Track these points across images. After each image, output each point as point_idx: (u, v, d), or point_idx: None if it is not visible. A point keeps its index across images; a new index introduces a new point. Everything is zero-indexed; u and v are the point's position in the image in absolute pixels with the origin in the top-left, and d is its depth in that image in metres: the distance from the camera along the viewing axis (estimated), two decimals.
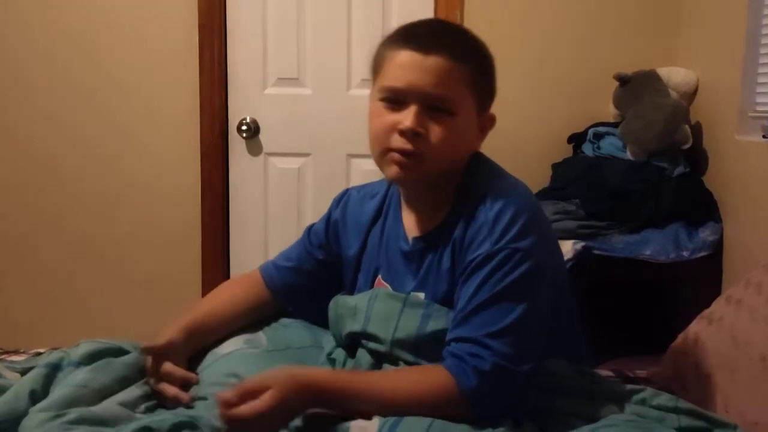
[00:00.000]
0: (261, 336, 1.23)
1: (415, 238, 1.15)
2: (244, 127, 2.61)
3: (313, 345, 1.23)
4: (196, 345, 1.19)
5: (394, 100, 1.06)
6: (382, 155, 1.08)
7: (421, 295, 1.11)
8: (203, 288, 2.67)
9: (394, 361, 1.08)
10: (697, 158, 2.27)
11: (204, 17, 2.56)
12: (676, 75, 2.31)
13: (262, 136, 2.64)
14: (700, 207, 2.15)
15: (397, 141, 1.05)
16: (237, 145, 2.65)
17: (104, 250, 2.68)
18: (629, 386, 1.09)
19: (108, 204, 2.66)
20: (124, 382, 1.11)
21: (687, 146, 2.19)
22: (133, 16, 2.58)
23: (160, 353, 1.13)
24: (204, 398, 1.08)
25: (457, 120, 1.06)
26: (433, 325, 1.06)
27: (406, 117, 1.04)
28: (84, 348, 1.16)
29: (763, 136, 1.91)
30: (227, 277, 2.68)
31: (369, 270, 1.22)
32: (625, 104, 2.31)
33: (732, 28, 2.08)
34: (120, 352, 1.19)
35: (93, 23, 2.59)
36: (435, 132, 1.04)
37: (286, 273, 1.30)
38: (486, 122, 1.14)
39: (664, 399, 1.04)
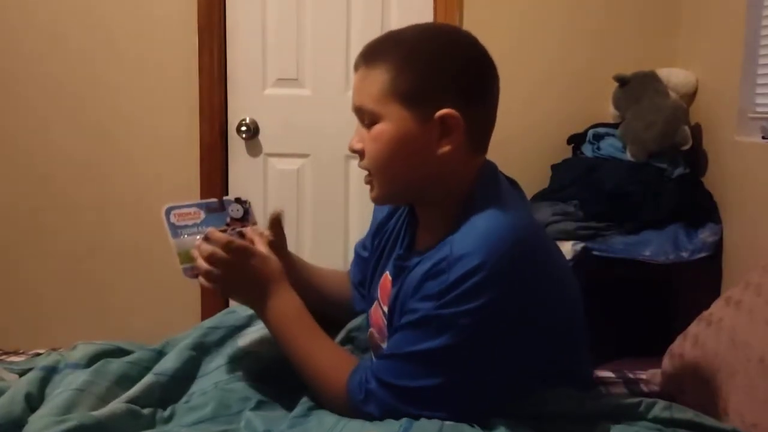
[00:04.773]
0: None
1: (401, 254, 1.10)
2: (243, 128, 2.60)
3: None
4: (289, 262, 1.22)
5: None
6: None
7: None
8: (202, 289, 2.66)
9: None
10: (696, 159, 2.26)
11: (203, 18, 2.56)
12: (675, 76, 2.31)
13: (262, 137, 2.64)
14: (700, 208, 2.15)
15: None
16: (236, 145, 2.65)
17: (103, 250, 2.68)
18: (625, 401, 1.03)
19: (107, 204, 2.66)
20: (126, 382, 1.09)
21: (686, 147, 2.19)
22: (133, 18, 2.58)
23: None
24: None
25: (382, 128, 0.98)
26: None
27: None
28: (81, 350, 1.15)
29: (763, 137, 1.91)
30: None
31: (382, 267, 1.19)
32: (625, 105, 2.30)
33: (731, 29, 2.08)
34: (119, 352, 1.18)
35: (92, 25, 2.59)
36: (367, 145, 1.02)
37: (362, 263, 1.28)
38: (447, 120, 0.96)
39: (659, 409, 1.01)
